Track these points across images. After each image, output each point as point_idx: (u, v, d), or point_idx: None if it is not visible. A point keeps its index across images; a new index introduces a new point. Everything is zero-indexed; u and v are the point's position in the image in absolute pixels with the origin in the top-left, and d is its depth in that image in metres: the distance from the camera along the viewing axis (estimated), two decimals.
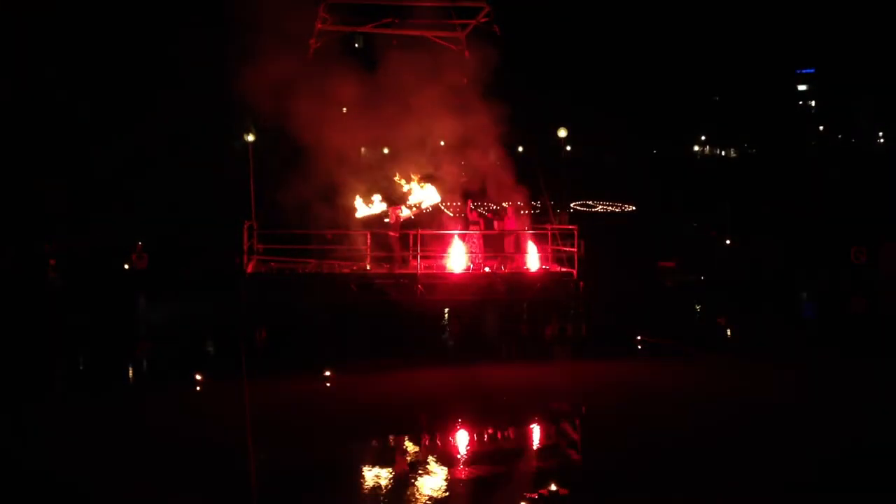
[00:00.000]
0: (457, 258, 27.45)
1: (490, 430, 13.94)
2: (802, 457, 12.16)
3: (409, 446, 13.19)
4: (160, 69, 24.83)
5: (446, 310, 25.47)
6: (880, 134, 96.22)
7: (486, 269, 26.37)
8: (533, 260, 26.89)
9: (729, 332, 24.01)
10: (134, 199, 28.89)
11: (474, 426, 14.15)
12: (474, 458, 12.61)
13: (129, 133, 26.58)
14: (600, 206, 48.02)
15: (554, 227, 27.79)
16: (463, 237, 28.13)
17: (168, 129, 27.83)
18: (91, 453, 12.61)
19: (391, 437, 13.53)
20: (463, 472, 11.88)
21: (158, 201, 29.59)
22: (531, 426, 14.37)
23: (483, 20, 23.81)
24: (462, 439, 13.56)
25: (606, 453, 12.70)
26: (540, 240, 27.89)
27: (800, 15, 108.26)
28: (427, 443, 13.18)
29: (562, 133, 32.05)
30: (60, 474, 11.78)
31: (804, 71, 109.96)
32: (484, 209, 32.98)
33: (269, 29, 24.99)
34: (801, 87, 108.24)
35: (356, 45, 27.81)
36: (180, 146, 28.80)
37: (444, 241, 28.27)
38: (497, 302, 25.95)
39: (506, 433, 13.95)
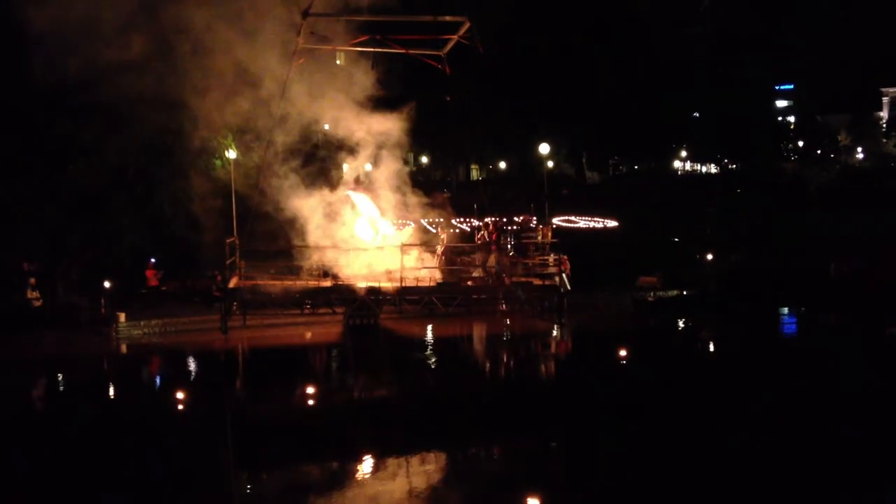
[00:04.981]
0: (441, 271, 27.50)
1: None
2: None
3: None
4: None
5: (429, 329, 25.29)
6: (859, 149, 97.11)
7: (469, 283, 26.41)
8: (515, 274, 26.96)
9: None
10: (116, 214, 28.66)
11: None
12: None
13: (109, 149, 26.40)
14: (583, 222, 48.04)
15: (537, 241, 27.88)
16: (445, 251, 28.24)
17: (150, 145, 27.71)
18: None
19: None
20: None
21: (140, 217, 29.39)
22: None
23: (464, 36, 23.86)
24: None
25: None
26: (523, 254, 27.95)
27: (779, 30, 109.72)
28: None
29: (543, 149, 32.12)
30: None
31: (783, 87, 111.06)
32: (467, 224, 33.05)
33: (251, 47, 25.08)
34: (781, 103, 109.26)
35: (337, 62, 27.81)
36: (162, 163, 28.64)
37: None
38: (481, 316, 26.00)
39: None
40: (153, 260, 27.66)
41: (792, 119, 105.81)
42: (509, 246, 29.03)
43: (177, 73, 25.11)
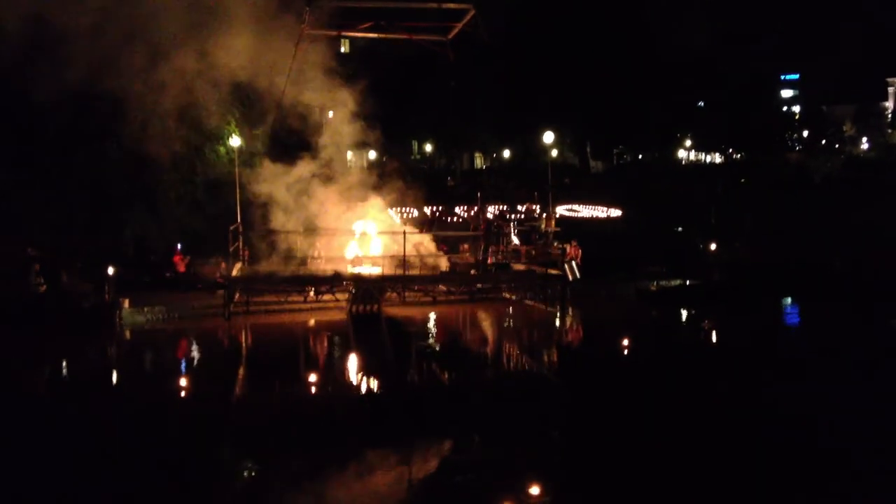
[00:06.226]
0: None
1: None
2: None
3: None
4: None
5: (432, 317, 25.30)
6: (864, 140, 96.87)
7: (472, 272, 26.46)
8: (519, 261, 27.05)
9: None
10: (119, 201, 28.66)
11: None
12: None
13: (111, 136, 26.38)
14: (586, 211, 48.00)
15: (540, 230, 27.92)
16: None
17: (152, 131, 27.70)
18: None
19: None
20: None
21: (143, 204, 29.39)
22: None
23: (468, 24, 23.78)
24: None
25: None
26: (526, 243, 28.01)
27: (785, 20, 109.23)
28: None
29: (547, 138, 31.97)
30: None
31: (788, 77, 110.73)
32: (468, 212, 33.08)
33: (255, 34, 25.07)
34: (786, 93, 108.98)
35: (342, 50, 27.79)
36: (166, 150, 28.64)
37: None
38: (483, 304, 26.06)
39: None
40: (179, 246, 27.74)
41: (797, 109, 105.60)
42: (513, 234, 29.09)
43: (177, 58, 25.09)
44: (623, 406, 15.51)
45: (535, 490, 11.37)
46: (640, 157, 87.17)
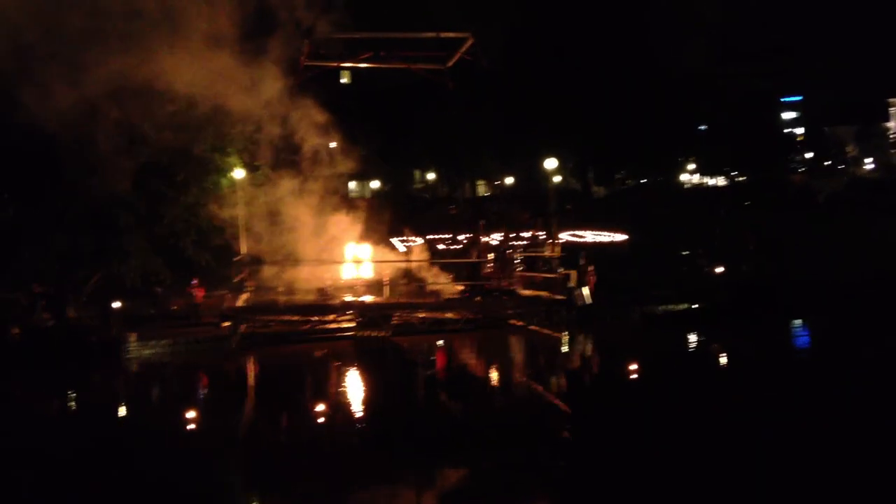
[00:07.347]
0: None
1: None
2: None
3: None
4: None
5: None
6: (867, 160, 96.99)
7: (477, 299, 26.48)
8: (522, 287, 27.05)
9: None
10: (123, 233, 28.75)
11: None
12: None
13: (115, 169, 26.52)
14: (590, 236, 47.96)
15: (545, 256, 27.95)
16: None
17: (156, 163, 27.90)
18: None
19: None
20: None
21: (148, 236, 29.48)
22: None
23: (467, 52, 23.99)
24: None
25: None
26: (532, 269, 28.03)
27: (787, 41, 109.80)
28: None
29: (550, 164, 32.09)
30: None
31: (790, 99, 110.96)
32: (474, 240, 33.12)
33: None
34: (788, 115, 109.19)
35: (342, 81, 28.07)
36: (169, 182, 28.82)
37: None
38: (490, 331, 26.03)
39: None
40: (195, 281, 27.80)
41: (799, 130, 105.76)
42: (516, 260, 29.14)
43: (181, 91, 25.31)
44: (631, 432, 15.35)
45: None
46: (643, 181, 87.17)
